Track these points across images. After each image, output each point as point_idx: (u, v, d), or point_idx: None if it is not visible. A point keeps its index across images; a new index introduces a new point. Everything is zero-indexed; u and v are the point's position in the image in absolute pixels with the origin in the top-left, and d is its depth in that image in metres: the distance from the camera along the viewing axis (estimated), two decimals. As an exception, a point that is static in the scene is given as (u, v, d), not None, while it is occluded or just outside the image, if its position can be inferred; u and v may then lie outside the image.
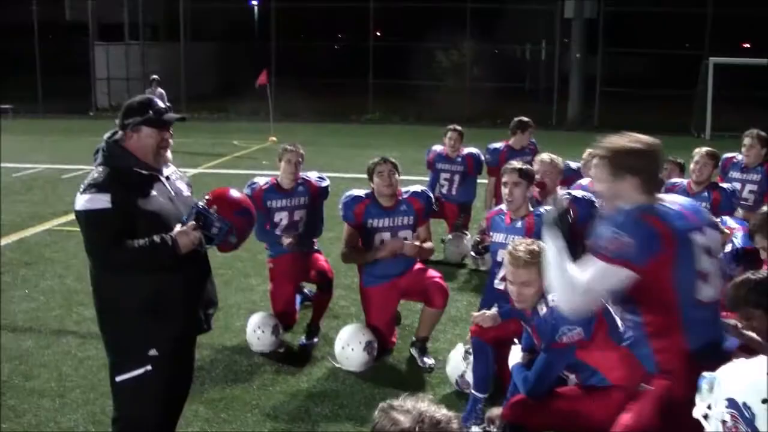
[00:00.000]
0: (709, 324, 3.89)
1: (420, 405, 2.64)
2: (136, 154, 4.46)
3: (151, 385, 4.46)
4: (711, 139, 24.98)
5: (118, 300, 4.44)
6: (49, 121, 29.00)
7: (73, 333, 7.76)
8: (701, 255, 3.81)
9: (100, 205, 4.23)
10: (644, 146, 3.94)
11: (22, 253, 10.76)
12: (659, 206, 3.83)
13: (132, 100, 4.63)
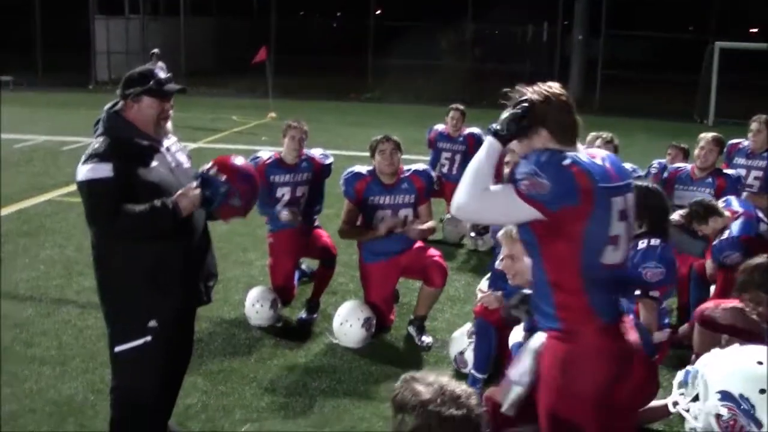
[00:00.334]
0: (611, 287, 3.76)
1: (441, 379, 2.71)
2: (137, 125, 4.46)
3: (150, 356, 4.49)
4: (714, 125, 24.93)
5: (119, 271, 4.46)
6: (49, 93, 28.90)
7: (73, 302, 7.81)
8: (616, 219, 3.68)
9: (102, 174, 4.23)
10: (548, 94, 3.71)
11: (22, 223, 10.80)
12: (588, 161, 3.65)
13: (133, 71, 4.61)
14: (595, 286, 3.66)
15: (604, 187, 3.59)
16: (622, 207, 3.70)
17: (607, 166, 3.70)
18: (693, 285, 7.27)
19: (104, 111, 4.53)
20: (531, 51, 39.48)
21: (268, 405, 5.90)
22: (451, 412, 2.62)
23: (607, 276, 3.69)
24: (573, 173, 3.53)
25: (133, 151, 4.38)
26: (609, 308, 3.73)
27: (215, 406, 5.83)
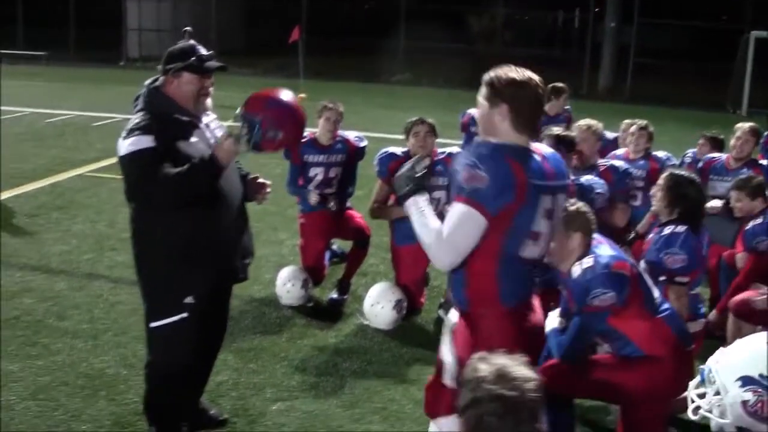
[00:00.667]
0: (523, 276, 3.92)
1: (505, 360, 2.72)
2: (177, 100, 4.46)
3: (186, 332, 4.50)
4: (747, 115, 24.71)
5: (156, 246, 4.46)
6: (81, 69, 29.03)
7: (105, 277, 7.86)
8: (541, 217, 3.79)
9: (144, 144, 4.23)
10: (526, 79, 3.85)
11: (55, 197, 10.88)
12: (526, 154, 3.78)
13: (174, 47, 4.62)
14: (508, 275, 3.82)
15: (536, 185, 3.72)
16: (550, 206, 3.85)
17: (545, 165, 3.83)
18: (722, 275, 7.22)
19: (144, 86, 4.53)
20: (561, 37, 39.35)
21: (298, 384, 5.92)
22: (503, 392, 2.63)
23: (521, 267, 3.86)
24: (511, 168, 3.66)
25: (173, 126, 4.37)
26: (516, 295, 3.91)
27: (246, 383, 5.85)
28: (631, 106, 23.94)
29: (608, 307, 4.67)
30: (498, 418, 2.63)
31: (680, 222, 5.49)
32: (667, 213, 5.57)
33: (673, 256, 5.34)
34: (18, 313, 6.88)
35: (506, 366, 2.71)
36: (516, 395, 2.64)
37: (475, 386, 2.68)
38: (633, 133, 8.18)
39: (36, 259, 8.29)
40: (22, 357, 6.08)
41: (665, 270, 5.35)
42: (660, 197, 5.57)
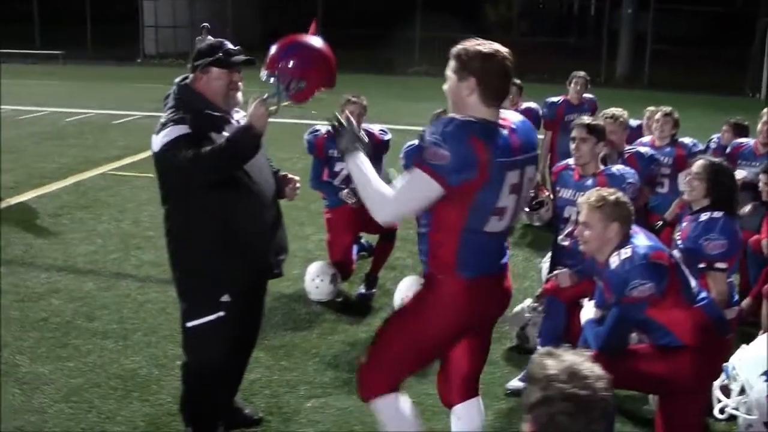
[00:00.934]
0: (485, 249, 3.92)
1: (575, 357, 2.67)
2: (207, 96, 4.43)
3: (223, 331, 4.46)
4: (766, 99, 24.56)
5: (192, 243, 4.43)
6: (98, 67, 29.10)
7: (132, 277, 7.83)
8: (507, 192, 3.79)
9: (180, 132, 4.22)
10: (493, 51, 3.82)
11: (78, 197, 10.89)
12: (492, 130, 3.77)
13: (203, 43, 4.61)
14: (468, 247, 3.85)
15: (501, 161, 3.71)
16: (516, 181, 3.83)
17: (512, 139, 3.82)
18: (750, 261, 7.15)
19: (174, 83, 4.52)
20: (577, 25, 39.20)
21: (331, 380, 5.87)
22: (575, 391, 2.58)
23: (484, 241, 3.88)
24: (473, 146, 3.65)
25: (205, 120, 4.34)
26: (476, 267, 3.91)
27: (279, 381, 5.81)
28: (649, 93, 23.79)
29: (647, 298, 4.61)
30: (570, 417, 2.58)
31: (715, 208, 5.43)
32: (703, 201, 5.50)
33: (713, 242, 5.29)
34: (46, 315, 6.85)
35: (578, 364, 2.66)
36: (588, 394, 2.60)
37: (545, 385, 2.63)
38: (658, 120, 8.08)
39: (62, 260, 8.27)
40: (53, 359, 6.05)
41: (705, 256, 5.30)
42: (696, 186, 5.49)
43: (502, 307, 4.26)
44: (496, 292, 4.10)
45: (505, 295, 4.21)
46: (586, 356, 2.71)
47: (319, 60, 4.37)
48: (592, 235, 4.77)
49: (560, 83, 26.22)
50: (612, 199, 4.73)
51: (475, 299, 3.96)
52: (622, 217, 4.71)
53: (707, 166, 5.50)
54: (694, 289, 4.80)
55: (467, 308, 3.97)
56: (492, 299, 4.10)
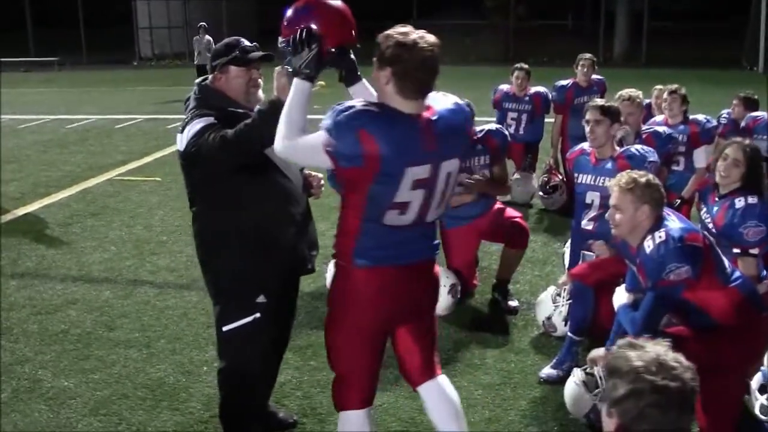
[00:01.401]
0: (388, 242, 3.81)
1: (657, 348, 2.62)
2: (228, 95, 4.39)
3: (259, 332, 4.38)
4: (764, 72, 24.52)
5: (224, 243, 4.35)
6: (94, 72, 29.01)
7: (150, 283, 7.73)
8: (408, 188, 3.66)
9: (205, 122, 4.18)
10: (411, 42, 3.65)
11: (87, 204, 10.78)
12: (394, 123, 3.62)
13: (220, 43, 4.55)
14: (368, 236, 3.78)
15: (394, 156, 3.57)
16: (424, 176, 3.70)
17: (424, 133, 3.67)
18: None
19: (195, 84, 4.49)
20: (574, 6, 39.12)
21: (362, 378, 5.76)
22: (666, 383, 2.53)
23: (385, 232, 3.78)
24: (359, 138, 3.54)
25: (229, 119, 4.24)
26: (374, 257, 3.82)
27: (309, 382, 5.71)
28: (648, 70, 23.77)
29: (683, 281, 4.53)
30: (660, 409, 2.54)
31: (747, 192, 5.35)
32: (734, 184, 5.41)
33: (754, 229, 5.25)
34: (66, 327, 6.75)
35: (663, 355, 2.60)
36: (678, 385, 2.54)
37: (634, 377, 2.56)
38: (665, 99, 7.99)
39: (76, 270, 8.17)
40: (77, 371, 5.95)
41: (743, 243, 5.23)
42: (734, 173, 5.39)
43: (427, 296, 4.11)
44: (411, 283, 3.93)
45: (428, 284, 4.07)
46: (668, 347, 2.64)
47: (328, 16, 4.09)
48: (624, 218, 4.68)
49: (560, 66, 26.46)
50: (643, 181, 4.64)
51: (377, 289, 3.86)
52: (654, 199, 4.62)
53: (745, 152, 5.40)
54: (728, 268, 4.72)
55: (371, 298, 3.87)
56: (405, 289, 3.92)
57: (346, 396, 4.09)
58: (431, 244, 4.02)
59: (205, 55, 21.55)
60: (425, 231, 3.94)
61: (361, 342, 3.99)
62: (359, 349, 4.01)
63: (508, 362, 6.01)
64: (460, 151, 3.87)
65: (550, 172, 10.06)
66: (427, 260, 4.01)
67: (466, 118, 3.94)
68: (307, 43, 3.84)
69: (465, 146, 3.98)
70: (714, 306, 4.61)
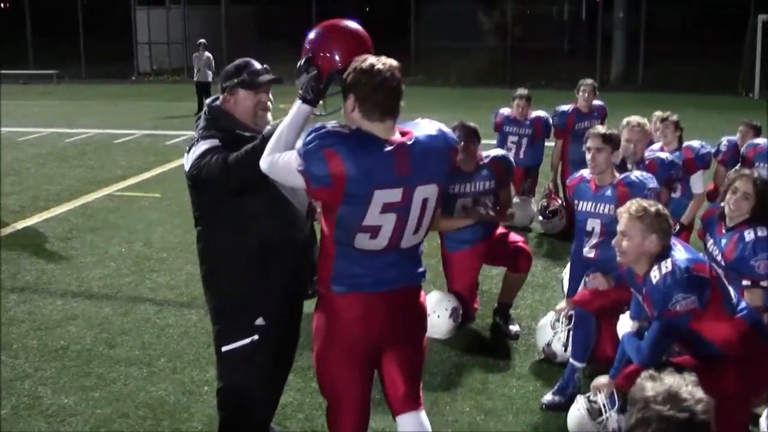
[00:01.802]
0: (362, 267, 3.81)
1: (675, 379, 2.63)
2: (237, 117, 4.39)
3: (258, 354, 4.37)
4: (760, 98, 24.63)
5: (226, 262, 4.35)
6: (93, 85, 29.03)
7: (150, 300, 7.72)
8: (377, 211, 3.67)
9: (209, 145, 4.20)
10: (368, 67, 3.69)
11: (86, 219, 10.78)
12: (363, 146, 3.64)
13: (231, 64, 4.54)
14: (342, 260, 3.80)
15: (361, 178, 3.58)
16: (395, 200, 3.69)
17: (395, 157, 3.68)
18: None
19: (206, 105, 4.51)
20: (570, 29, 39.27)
21: (364, 401, 5.75)
22: (672, 413, 2.55)
23: (358, 256, 3.79)
24: (326, 158, 3.57)
25: (237, 142, 4.23)
26: (350, 282, 3.83)
27: (311, 404, 5.69)
28: (645, 94, 23.85)
29: (690, 312, 4.54)
30: None
31: (756, 224, 5.36)
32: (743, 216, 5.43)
33: (765, 262, 5.27)
34: (66, 343, 6.74)
35: (676, 385, 2.61)
36: (687, 417, 2.55)
37: (643, 406, 2.59)
38: (659, 127, 8.02)
39: (76, 285, 8.16)
40: (77, 389, 5.93)
41: (754, 275, 5.25)
42: (744, 205, 5.41)
43: (410, 325, 4.04)
44: (390, 311, 3.90)
45: (409, 313, 4.02)
46: (689, 380, 2.66)
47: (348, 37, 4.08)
48: (631, 245, 4.70)
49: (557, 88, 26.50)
50: (653, 210, 4.65)
51: (355, 316, 3.86)
52: (662, 229, 4.64)
53: (756, 184, 5.42)
54: (734, 299, 4.74)
55: (349, 325, 3.88)
56: (383, 317, 3.89)
57: (338, 423, 4.09)
58: (412, 272, 3.97)
59: (204, 71, 21.61)
60: (403, 257, 3.89)
61: (345, 369, 3.98)
62: (343, 377, 4.00)
63: (510, 387, 6.01)
64: (439, 177, 3.83)
65: (550, 197, 10.08)
66: (406, 288, 3.96)
67: (448, 145, 3.89)
68: (305, 68, 3.86)
69: (446, 173, 3.90)
70: (720, 336, 4.63)
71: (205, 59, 21.67)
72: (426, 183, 3.76)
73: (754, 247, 5.27)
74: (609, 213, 5.99)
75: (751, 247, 5.27)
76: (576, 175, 6.64)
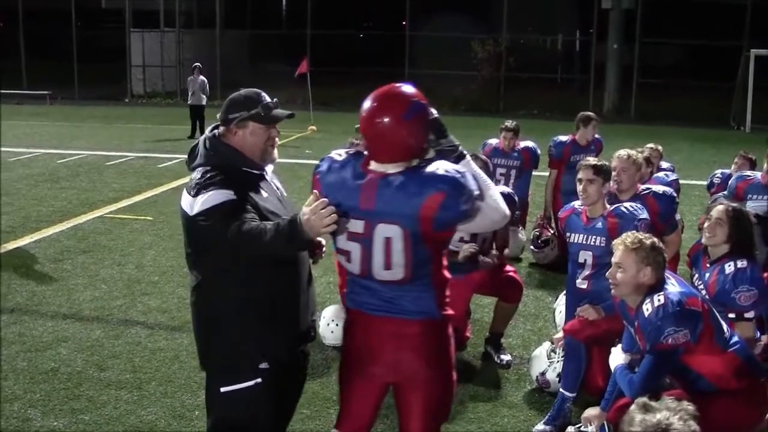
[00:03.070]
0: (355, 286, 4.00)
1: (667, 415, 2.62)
2: (243, 152, 4.10)
3: (259, 398, 4.10)
4: (750, 131, 24.78)
5: (230, 310, 4.05)
6: (86, 107, 29.03)
7: (141, 323, 7.70)
8: (345, 238, 3.85)
9: (226, 197, 3.86)
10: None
11: (78, 241, 10.74)
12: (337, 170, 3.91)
13: (238, 94, 4.21)
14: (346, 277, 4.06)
15: (336, 204, 3.62)
16: (358, 231, 3.81)
17: (364, 189, 3.81)
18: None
19: (204, 137, 4.19)
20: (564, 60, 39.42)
21: (354, 428, 5.73)
22: None
23: (351, 276, 3.98)
24: (313, 181, 3.98)
25: (244, 180, 4.03)
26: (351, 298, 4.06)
27: (301, 430, 5.68)
28: (638, 126, 23.95)
29: (682, 345, 4.56)
30: None
31: (737, 256, 5.38)
32: (723, 247, 5.46)
33: (746, 294, 5.27)
34: (56, 365, 6.70)
35: (667, 420, 2.60)
36: None
37: None
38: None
39: (67, 307, 8.12)
40: (66, 412, 5.90)
41: (737, 307, 5.27)
42: (718, 232, 5.44)
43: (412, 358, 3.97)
44: (380, 336, 3.95)
45: (405, 345, 3.95)
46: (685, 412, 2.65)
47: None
48: (625, 277, 4.71)
49: (550, 119, 26.58)
50: (648, 243, 4.68)
51: (353, 331, 4.08)
52: (657, 262, 4.66)
53: (727, 211, 5.45)
54: (727, 333, 4.76)
55: (350, 338, 4.12)
56: (373, 339, 3.96)
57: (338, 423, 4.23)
58: (402, 307, 3.92)
59: (199, 95, 21.67)
60: (389, 289, 3.89)
61: (347, 383, 4.15)
62: (345, 390, 4.18)
63: (501, 417, 6.00)
64: (402, 219, 3.74)
65: (542, 227, 10.09)
66: (393, 319, 3.93)
67: (428, 192, 3.73)
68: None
69: (412, 216, 3.73)
70: (712, 370, 4.65)
71: (200, 83, 21.73)
72: (388, 222, 3.74)
73: (734, 279, 5.30)
74: (600, 245, 6.01)
75: (731, 279, 5.30)
76: (567, 207, 6.64)
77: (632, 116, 28.49)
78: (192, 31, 37.06)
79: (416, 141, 3.84)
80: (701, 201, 7.92)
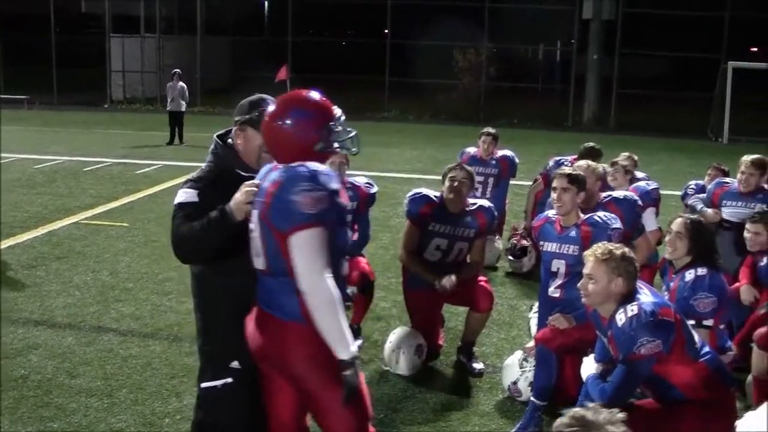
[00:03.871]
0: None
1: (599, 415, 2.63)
2: (241, 155, 4.32)
3: (234, 396, 4.28)
4: (728, 143, 24.94)
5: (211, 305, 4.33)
6: (65, 112, 28.91)
7: (114, 330, 7.64)
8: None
9: (189, 198, 4.19)
10: None
11: (52, 247, 10.65)
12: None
13: (247, 99, 4.43)
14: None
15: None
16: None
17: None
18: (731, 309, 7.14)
19: (216, 137, 4.44)
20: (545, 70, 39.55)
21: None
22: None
23: (259, 276, 4.04)
24: None
25: (233, 181, 4.18)
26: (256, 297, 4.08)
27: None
28: (617, 137, 24.05)
29: (654, 355, 4.58)
30: None
31: (698, 264, 5.44)
32: (685, 258, 5.52)
33: (704, 301, 5.35)
34: (25, 372, 6.64)
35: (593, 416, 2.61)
36: None
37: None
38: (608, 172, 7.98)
39: (39, 314, 8.06)
40: (35, 419, 5.84)
41: (695, 314, 5.31)
42: (679, 245, 5.53)
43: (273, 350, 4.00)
44: (256, 323, 4.07)
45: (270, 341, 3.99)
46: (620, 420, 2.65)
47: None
48: (596, 288, 4.72)
49: (530, 128, 26.65)
50: (619, 253, 4.69)
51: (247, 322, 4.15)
52: (628, 272, 4.68)
53: (686, 224, 5.54)
54: (698, 344, 4.78)
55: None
56: (251, 329, 4.10)
57: None
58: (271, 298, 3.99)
59: (178, 101, 21.62)
60: (264, 278, 4.02)
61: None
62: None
63: (472, 425, 5.99)
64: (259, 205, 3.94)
65: (519, 236, 10.09)
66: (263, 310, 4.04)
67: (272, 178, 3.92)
68: None
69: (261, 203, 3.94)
70: (683, 380, 4.68)
71: (179, 89, 21.68)
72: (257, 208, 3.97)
73: (693, 286, 5.38)
74: (573, 254, 6.03)
75: (690, 287, 5.38)
76: (541, 216, 6.67)
77: (611, 127, 28.60)
78: (172, 36, 36.92)
79: (299, 143, 3.95)
80: (677, 211, 7.94)
